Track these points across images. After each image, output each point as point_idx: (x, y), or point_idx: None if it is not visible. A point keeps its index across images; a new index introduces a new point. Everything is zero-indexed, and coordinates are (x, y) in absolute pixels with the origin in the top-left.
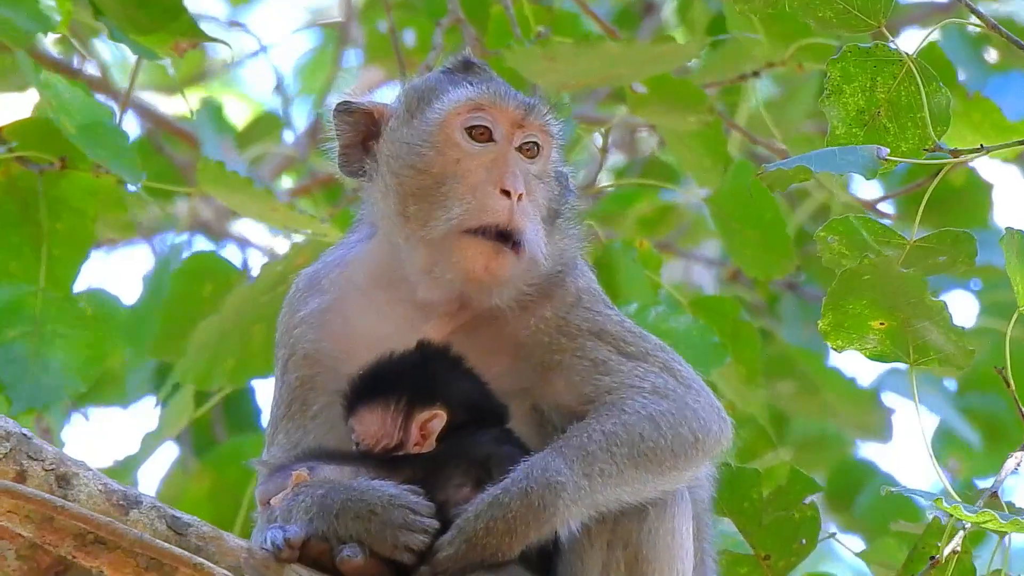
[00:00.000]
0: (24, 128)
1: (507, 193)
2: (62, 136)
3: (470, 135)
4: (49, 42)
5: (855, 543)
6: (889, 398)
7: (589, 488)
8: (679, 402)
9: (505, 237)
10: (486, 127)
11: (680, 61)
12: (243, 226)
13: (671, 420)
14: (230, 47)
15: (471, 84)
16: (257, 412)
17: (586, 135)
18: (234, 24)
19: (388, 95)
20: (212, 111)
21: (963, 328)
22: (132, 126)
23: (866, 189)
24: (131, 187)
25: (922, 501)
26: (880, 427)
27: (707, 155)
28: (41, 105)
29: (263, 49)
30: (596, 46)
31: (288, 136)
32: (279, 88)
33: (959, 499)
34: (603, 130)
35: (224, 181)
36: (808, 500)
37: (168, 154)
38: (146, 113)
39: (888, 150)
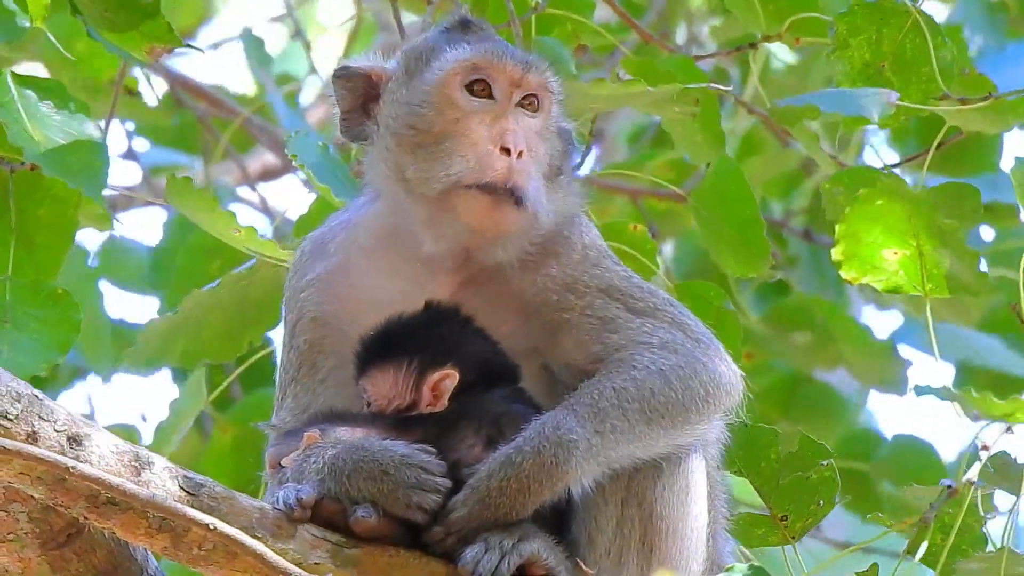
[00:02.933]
0: None
1: (507, 151)
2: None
3: (470, 92)
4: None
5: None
6: (905, 351)
7: (601, 445)
8: (689, 356)
9: (506, 193)
10: (486, 83)
11: (646, 101)
12: (262, 190)
13: (681, 374)
14: (203, 52)
15: (469, 43)
16: (274, 366)
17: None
18: None
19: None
20: (254, 43)
21: (977, 251)
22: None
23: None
24: (91, 194)
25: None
26: (896, 379)
27: (699, 131)
28: (3, 112)
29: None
30: (568, 84)
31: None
32: (299, 35)
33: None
34: (591, 114)
35: (190, 197)
36: (826, 462)
37: (190, 107)
38: (164, 73)
39: (898, 95)
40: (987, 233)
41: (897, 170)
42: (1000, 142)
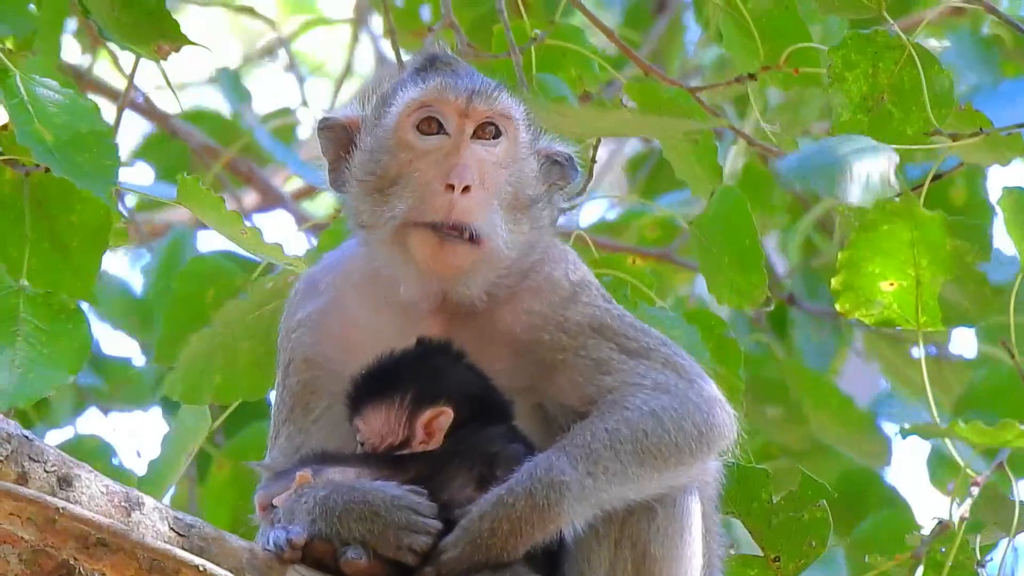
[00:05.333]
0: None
1: (451, 187)
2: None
3: (422, 131)
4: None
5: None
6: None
7: (594, 486)
8: (682, 397)
9: (454, 230)
10: (436, 119)
11: (642, 128)
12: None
13: (674, 415)
14: (210, 51)
15: (421, 82)
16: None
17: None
18: (245, 9)
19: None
20: (230, 78)
21: (984, 274)
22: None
23: None
24: (101, 195)
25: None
26: (878, 451)
27: (698, 163)
28: (13, 114)
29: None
30: (562, 107)
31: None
32: (292, 69)
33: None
34: (592, 141)
35: (199, 198)
36: (818, 504)
37: (184, 137)
38: (153, 112)
39: (898, 157)
40: None
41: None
42: (985, 177)
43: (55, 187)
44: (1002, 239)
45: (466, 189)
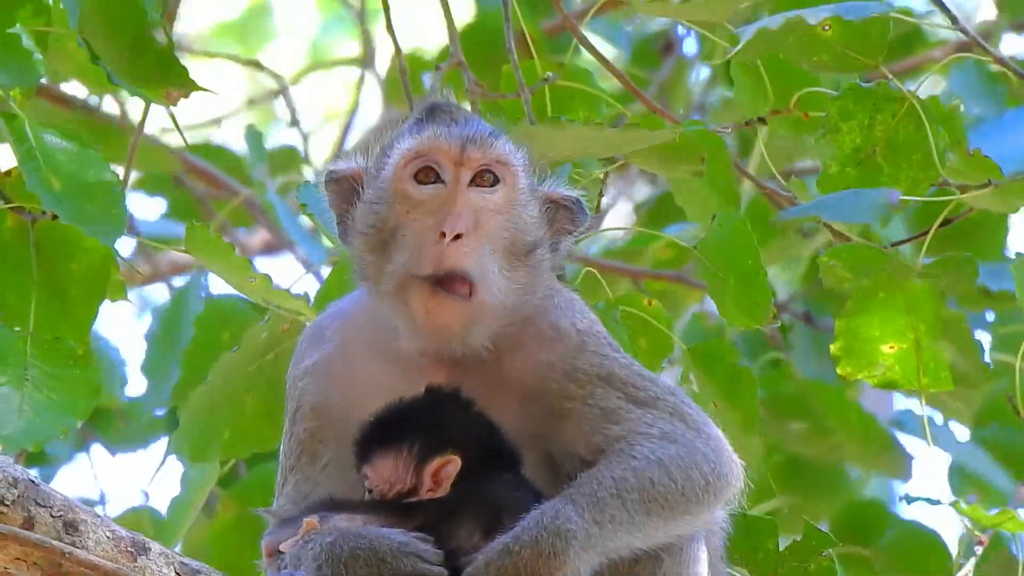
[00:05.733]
0: (18, 178)
1: (443, 235)
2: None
3: (419, 181)
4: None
5: None
6: (904, 439)
7: (600, 535)
8: (689, 446)
9: (448, 280)
10: (432, 169)
11: (652, 142)
12: (261, 264)
13: (681, 464)
14: (217, 95)
15: (416, 133)
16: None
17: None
18: (251, 63)
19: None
20: (254, 137)
21: (980, 343)
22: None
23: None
24: (107, 242)
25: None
26: (898, 465)
27: (708, 186)
28: (21, 160)
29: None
30: (569, 129)
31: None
32: (295, 123)
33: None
34: (601, 174)
35: (208, 246)
36: (825, 553)
37: (189, 187)
38: (162, 152)
39: (900, 193)
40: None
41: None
42: (1006, 220)
43: (56, 235)
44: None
45: (458, 236)
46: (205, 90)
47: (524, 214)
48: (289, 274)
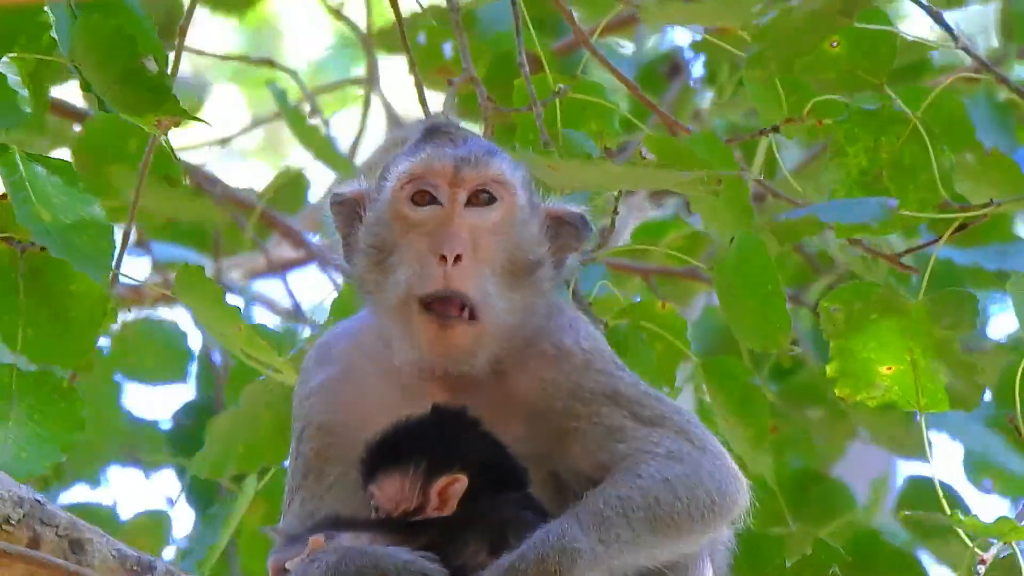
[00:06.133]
0: (6, 207)
1: (444, 258)
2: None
3: (416, 203)
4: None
5: None
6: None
7: (606, 554)
8: (694, 465)
9: (448, 302)
10: (428, 191)
11: (670, 181)
12: (265, 286)
13: (686, 483)
14: (210, 125)
15: (413, 155)
16: None
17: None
18: (263, 60)
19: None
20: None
21: (974, 362)
22: None
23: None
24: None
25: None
26: (917, 445)
27: (724, 207)
28: (12, 192)
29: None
30: (591, 163)
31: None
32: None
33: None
34: (615, 193)
35: (197, 289)
36: (833, 569)
37: (209, 194)
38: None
39: (897, 201)
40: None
41: (906, 258)
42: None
43: (52, 259)
44: None
45: (458, 258)
46: (197, 120)
47: (524, 232)
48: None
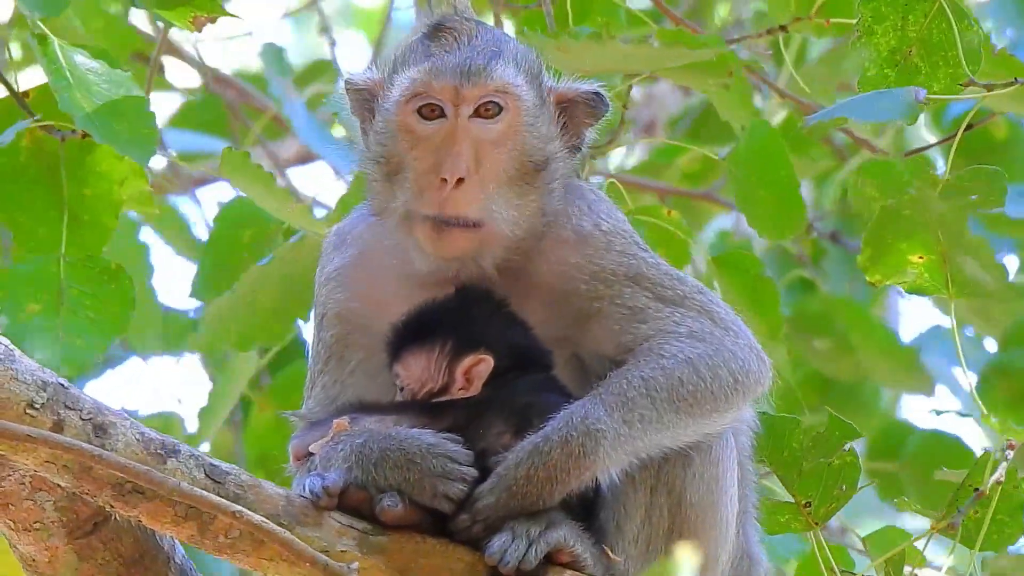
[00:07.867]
0: (47, 95)
1: (445, 181)
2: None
3: (422, 115)
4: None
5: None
6: (931, 354)
7: (629, 434)
8: (717, 344)
9: (451, 221)
10: (436, 105)
11: (689, 59)
12: (294, 176)
13: (709, 363)
14: (242, 20)
15: (418, 64)
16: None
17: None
18: None
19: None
20: (273, 54)
21: (1005, 267)
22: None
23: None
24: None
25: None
26: (922, 381)
27: (734, 107)
28: (53, 81)
29: None
30: (605, 44)
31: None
32: (327, 33)
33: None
34: (625, 86)
35: (245, 172)
36: (847, 447)
37: (220, 95)
38: (193, 61)
39: (926, 91)
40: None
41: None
42: None
43: (73, 153)
44: None
45: (460, 181)
46: (231, 15)
47: (532, 135)
48: (320, 182)
